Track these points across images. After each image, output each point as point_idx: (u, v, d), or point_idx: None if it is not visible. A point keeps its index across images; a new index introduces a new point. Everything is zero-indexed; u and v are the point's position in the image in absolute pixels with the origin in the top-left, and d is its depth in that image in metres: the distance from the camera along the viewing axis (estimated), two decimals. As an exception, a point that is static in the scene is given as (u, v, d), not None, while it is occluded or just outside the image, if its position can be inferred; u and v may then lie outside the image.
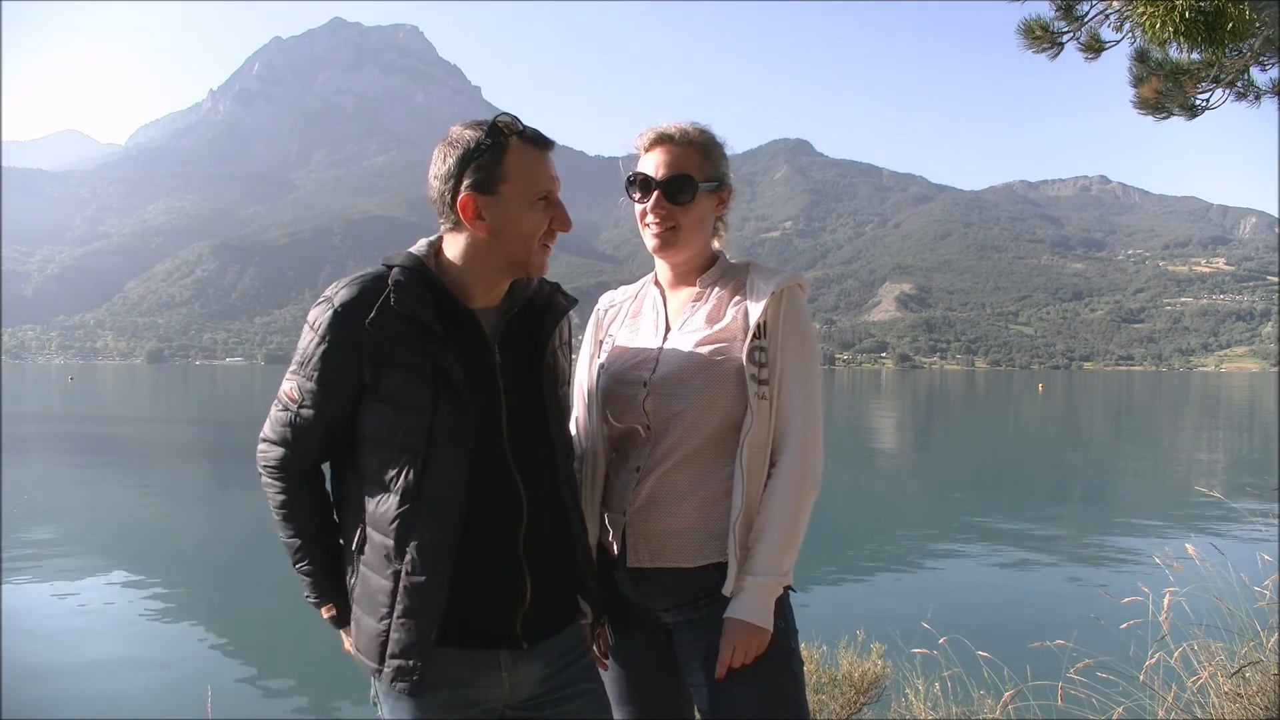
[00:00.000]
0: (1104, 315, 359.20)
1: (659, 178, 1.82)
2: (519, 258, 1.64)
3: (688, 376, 1.78)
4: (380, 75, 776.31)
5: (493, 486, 1.61)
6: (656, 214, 1.83)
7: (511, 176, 1.59)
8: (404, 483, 1.55)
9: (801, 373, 1.79)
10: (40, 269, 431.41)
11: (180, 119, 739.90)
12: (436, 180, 1.61)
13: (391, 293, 1.55)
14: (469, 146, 1.58)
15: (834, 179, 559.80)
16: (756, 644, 1.69)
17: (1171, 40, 2.45)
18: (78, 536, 11.72)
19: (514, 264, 1.65)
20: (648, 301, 1.98)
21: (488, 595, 1.61)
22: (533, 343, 1.72)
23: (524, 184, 1.60)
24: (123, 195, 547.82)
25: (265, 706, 5.92)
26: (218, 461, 22.27)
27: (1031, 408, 52.38)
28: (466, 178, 1.58)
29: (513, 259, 1.64)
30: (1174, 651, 2.96)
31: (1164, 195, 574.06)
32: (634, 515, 1.80)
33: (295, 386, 1.62)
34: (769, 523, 1.72)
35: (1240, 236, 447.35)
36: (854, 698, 4.02)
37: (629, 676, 1.89)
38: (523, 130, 1.61)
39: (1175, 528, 12.05)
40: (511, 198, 1.59)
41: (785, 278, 1.82)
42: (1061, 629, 3.21)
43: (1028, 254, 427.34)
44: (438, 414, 1.55)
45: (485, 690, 1.61)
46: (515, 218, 1.60)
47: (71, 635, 7.41)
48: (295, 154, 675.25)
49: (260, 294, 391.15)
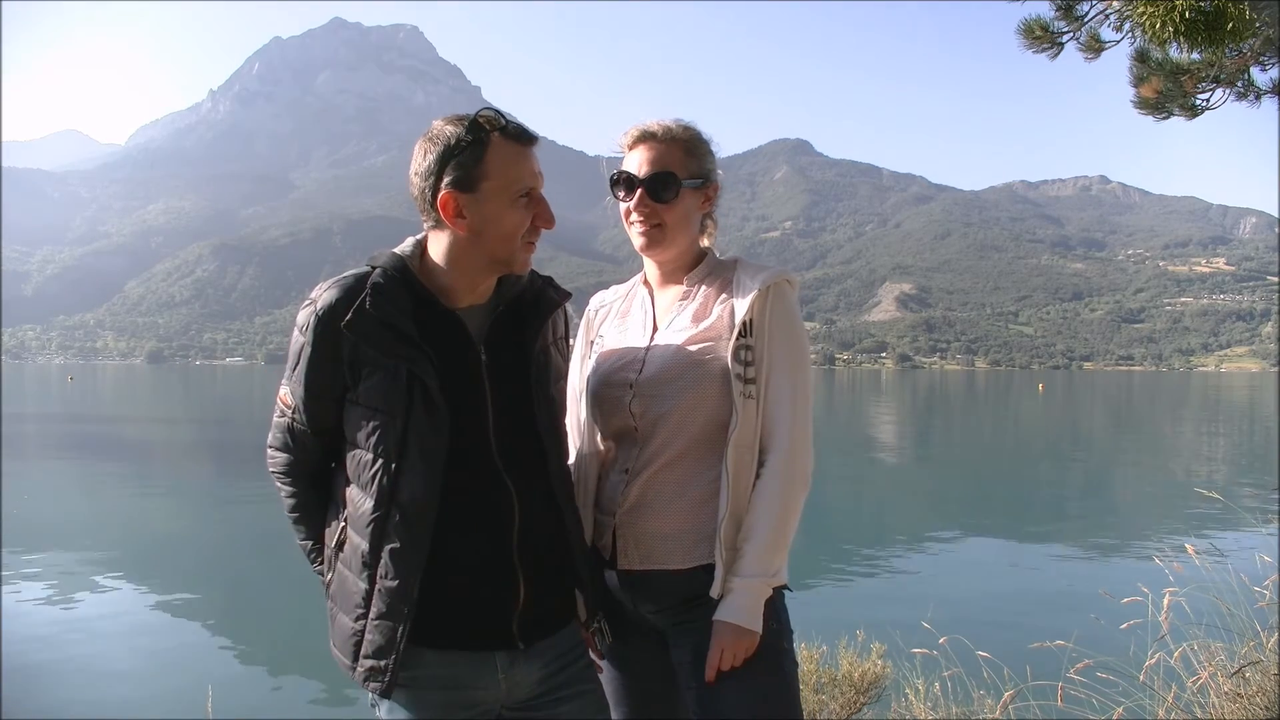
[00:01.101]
0: (1104, 315, 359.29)
1: (641, 176, 1.81)
2: (501, 256, 1.61)
3: (673, 377, 1.76)
4: (380, 75, 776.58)
5: (481, 487, 1.60)
6: (640, 212, 1.81)
7: (492, 174, 1.56)
8: (378, 487, 1.55)
9: (790, 371, 1.76)
10: (40, 269, 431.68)
11: (180, 119, 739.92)
12: (417, 177, 1.59)
13: (368, 295, 1.54)
14: (449, 143, 1.55)
15: (834, 179, 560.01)
16: (745, 646, 1.67)
17: (1171, 40, 2.42)
18: (77, 536, 11.71)
19: (496, 263, 1.63)
20: (636, 301, 1.96)
21: (481, 597, 1.60)
22: (522, 340, 1.69)
23: (505, 181, 1.56)
24: (123, 195, 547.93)
25: (265, 707, 5.91)
26: (218, 461, 22.29)
27: (1031, 408, 52.38)
28: (446, 175, 1.55)
29: (495, 258, 1.61)
30: (1174, 651, 2.96)
31: (1164, 195, 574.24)
32: (623, 517, 1.79)
33: (289, 392, 1.64)
34: (756, 523, 1.71)
35: (1240, 236, 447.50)
36: (854, 698, 4.02)
37: (624, 678, 1.89)
38: (505, 125, 1.57)
39: (1175, 528, 12.04)
40: (492, 195, 1.56)
41: (772, 274, 1.79)
42: (1061, 629, 3.21)
43: (1028, 254, 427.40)
44: (411, 418, 1.53)
45: (482, 691, 1.61)
46: (496, 216, 1.57)
47: (71, 635, 7.40)
48: (295, 154, 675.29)
49: (260, 294, 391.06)
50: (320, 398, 1.60)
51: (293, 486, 1.71)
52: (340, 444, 1.65)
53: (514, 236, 1.60)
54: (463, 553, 1.58)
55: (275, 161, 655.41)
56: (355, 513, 1.59)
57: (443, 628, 1.57)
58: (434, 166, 1.56)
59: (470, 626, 1.59)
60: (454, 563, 1.57)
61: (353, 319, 1.52)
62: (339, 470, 1.68)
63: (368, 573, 1.56)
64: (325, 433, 1.64)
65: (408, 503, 1.54)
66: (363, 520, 1.56)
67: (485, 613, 1.60)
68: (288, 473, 1.70)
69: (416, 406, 1.54)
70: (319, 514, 1.71)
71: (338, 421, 1.62)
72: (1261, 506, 13.07)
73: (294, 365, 1.61)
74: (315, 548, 1.73)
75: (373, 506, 1.55)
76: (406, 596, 1.53)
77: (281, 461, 1.69)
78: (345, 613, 1.61)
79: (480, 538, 1.60)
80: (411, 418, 1.53)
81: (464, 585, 1.58)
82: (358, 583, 1.58)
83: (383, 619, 1.54)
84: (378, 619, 1.55)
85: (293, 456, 1.68)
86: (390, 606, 1.54)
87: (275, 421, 1.68)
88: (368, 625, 1.56)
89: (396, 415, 1.54)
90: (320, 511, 1.71)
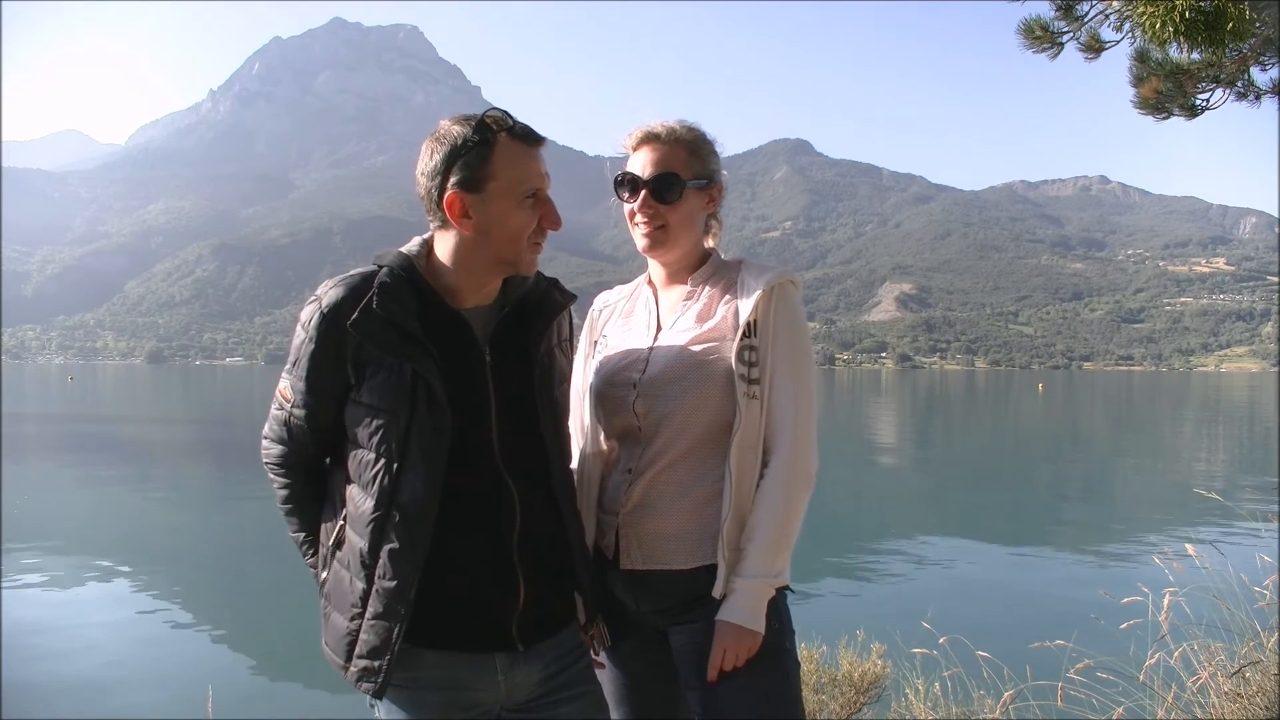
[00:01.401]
0: (1104, 315, 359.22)
1: (645, 177, 1.81)
2: (507, 257, 1.61)
3: (676, 377, 1.76)
4: (380, 75, 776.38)
5: (483, 488, 1.59)
6: (644, 213, 1.81)
7: (498, 174, 1.55)
8: (379, 487, 1.54)
9: (793, 371, 1.76)
10: (40, 269, 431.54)
11: (180, 119, 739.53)
12: (424, 177, 1.58)
13: (375, 295, 1.53)
14: (455, 143, 1.55)
15: (834, 179, 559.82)
16: (747, 646, 1.67)
17: (1171, 40, 2.43)
18: (77, 536, 11.71)
19: (503, 263, 1.62)
20: (640, 301, 1.96)
21: (481, 598, 1.59)
22: (526, 341, 1.69)
23: (511, 182, 1.56)
24: (123, 195, 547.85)
25: (265, 706, 5.91)
26: (218, 461, 22.28)
27: (1031, 408, 52.36)
28: (453, 175, 1.55)
29: (501, 258, 1.61)
30: (1174, 651, 2.96)
31: (1164, 195, 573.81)
32: (626, 517, 1.79)
33: (288, 386, 1.63)
34: (760, 524, 1.70)
35: (1240, 236, 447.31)
36: (854, 698, 4.02)
37: (625, 678, 1.88)
38: (512, 126, 1.57)
39: (1175, 528, 12.04)
40: (498, 196, 1.56)
41: (776, 274, 1.78)
42: (1061, 629, 3.21)
43: (1028, 254, 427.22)
44: (414, 418, 1.53)
45: (482, 692, 1.60)
46: (502, 216, 1.57)
47: (71, 635, 7.40)
48: (295, 154, 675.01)
49: (260, 294, 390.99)
50: (321, 395, 1.59)
51: (286, 478, 1.70)
52: (336, 440, 1.64)
53: (520, 237, 1.59)
54: (463, 553, 1.57)
55: (275, 161, 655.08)
56: (355, 512, 1.58)
57: (442, 628, 1.57)
58: (440, 166, 1.56)
59: (470, 627, 1.59)
60: (454, 563, 1.56)
61: (359, 318, 1.52)
62: (337, 468, 1.67)
63: (365, 573, 1.55)
64: (322, 429, 1.63)
65: (408, 503, 1.53)
66: (362, 520, 1.56)
67: (485, 614, 1.59)
68: (282, 464, 1.69)
69: (420, 406, 1.53)
70: (312, 507, 1.71)
71: (336, 419, 1.61)
72: (1261, 507, 13.06)
73: (295, 360, 1.60)
74: (308, 539, 1.72)
75: (373, 506, 1.54)
76: (404, 597, 1.52)
77: (276, 453, 1.69)
78: (340, 612, 1.60)
79: (481, 538, 1.59)
80: (415, 417, 1.53)
81: (464, 586, 1.58)
82: (355, 582, 1.57)
83: (379, 619, 1.53)
84: (373, 619, 1.54)
85: (287, 449, 1.68)
86: (387, 607, 1.53)
87: (273, 414, 1.68)
88: (363, 625, 1.55)
89: (400, 414, 1.53)
90: (313, 504, 1.71)
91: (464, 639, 1.58)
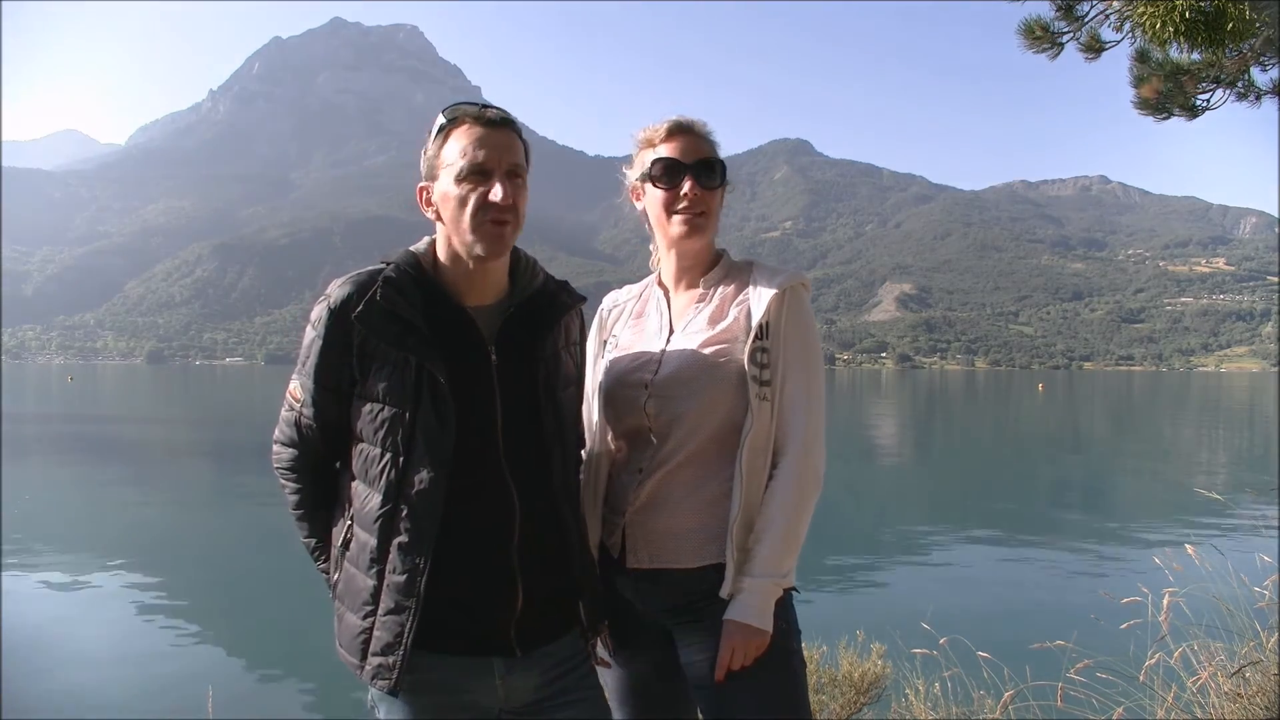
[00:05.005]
0: (1104, 315, 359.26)
1: (689, 162, 1.80)
2: (464, 240, 1.58)
3: (689, 379, 1.77)
4: (380, 75, 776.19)
5: (484, 491, 1.59)
6: (691, 197, 1.80)
7: (448, 158, 1.57)
8: (386, 482, 1.54)
9: (804, 373, 1.77)
10: (40, 269, 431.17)
11: (180, 119, 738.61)
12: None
13: (379, 288, 1.55)
14: (428, 138, 1.60)
15: (834, 179, 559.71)
16: (755, 646, 1.67)
17: (1171, 40, 2.44)
18: (78, 537, 11.72)
19: (466, 247, 1.59)
20: (652, 302, 1.97)
21: (481, 601, 1.59)
22: (533, 342, 1.68)
23: (452, 159, 1.57)
24: (123, 195, 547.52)
25: (265, 706, 5.91)
26: (218, 461, 22.29)
27: (1031, 408, 52.36)
28: (422, 168, 1.61)
29: (463, 242, 1.59)
30: (1174, 652, 2.95)
31: (1164, 195, 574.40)
32: (634, 516, 1.79)
33: (298, 386, 1.64)
34: (769, 524, 1.71)
35: (1240, 236, 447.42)
36: (854, 698, 4.01)
37: (630, 678, 1.88)
38: (476, 115, 1.58)
39: (1175, 528, 12.03)
40: (446, 178, 1.57)
41: (788, 277, 1.80)
42: (1061, 629, 3.21)
43: (1028, 254, 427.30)
44: (419, 412, 1.53)
45: (480, 696, 1.60)
46: (445, 195, 1.58)
47: (72, 635, 7.40)
48: (295, 154, 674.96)
49: (260, 294, 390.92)
50: (329, 390, 1.60)
51: (297, 482, 1.69)
52: (345, 441, 1.64)
53: (461, 215, 1.56)
54: (463, 555, 1.57)
55: (275, 161, 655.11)
56: (362, 509, 1.58)
57: (441, 631, 1.56)
58: (422, 165, 1.62)
59: (468, 631, 1.58)
60: (454, 565, 1.56)
61: (363, 310, 1.53)
62: (344, 470, 1.67)
63: (376, 569, 1.55)
64: (331, 428, 1.63)
65: (415, 497, 1.53)
66: (370, 516, 1.56)
67: (483, 618, 1.59)
68: (293, 468, 1.69)
69: (424, 400, 1.53)
70: (323, 511, 1.70)
71: (344, 418, 1.61)
72: (1261, 506, 13.07)
73: (305, 358, 1.62)
74: (319, 545, 1.72)
75: (380, 501, 1.55)
76: (412, 591, 1.53)
77: (288, 457, 1.69)
78: (353, 611, 1.60)
79: (481, 541, 1.58)
80: (419, 411, 1.53)
81: (463, 589, 1.57)
82: (365, 580, 1.57)
83: (390, 615, 1.54)
84: (386, 615, 1.54)
85: (298, 451, 1.67)
86: (398, 603, 1.53)
87: (283, 416, 1.68)
88: (376, 622, 1.55)
89: (405, 409, 1.53)
90: (324, 509, 1.70)
91: (462, 642, 1.58)
